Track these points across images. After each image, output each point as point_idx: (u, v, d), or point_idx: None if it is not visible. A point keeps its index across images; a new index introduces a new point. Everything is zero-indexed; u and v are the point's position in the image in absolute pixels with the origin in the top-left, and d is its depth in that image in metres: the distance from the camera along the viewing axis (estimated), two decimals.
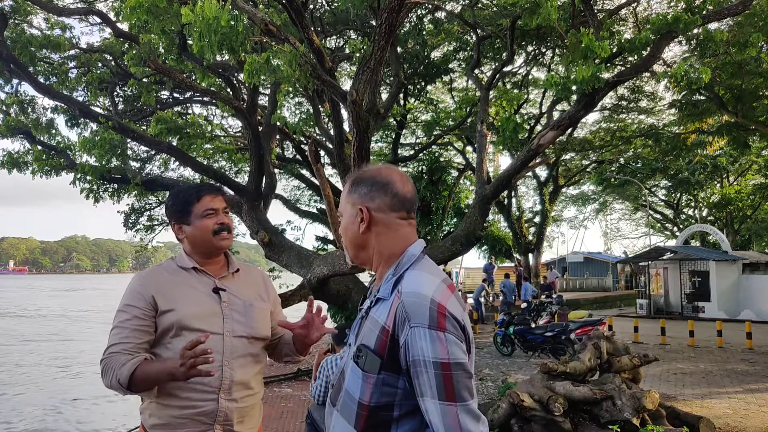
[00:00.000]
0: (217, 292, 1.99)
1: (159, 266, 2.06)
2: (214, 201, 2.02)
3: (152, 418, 1.89)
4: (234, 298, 2.00)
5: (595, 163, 27.42)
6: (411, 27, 14.66)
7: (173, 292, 1.93)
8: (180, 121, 13.46)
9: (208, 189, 2.06)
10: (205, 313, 1.93)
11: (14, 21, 11.17)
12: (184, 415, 1.85)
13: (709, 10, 9.01)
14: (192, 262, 2.02)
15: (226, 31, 6.54)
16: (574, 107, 9.56)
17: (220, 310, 1.96)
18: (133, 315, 1.88)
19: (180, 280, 1.97)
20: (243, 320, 1.98)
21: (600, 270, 35.98)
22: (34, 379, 13.10)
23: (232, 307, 1.98)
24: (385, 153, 21.62)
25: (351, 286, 11.26)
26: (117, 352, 1.84)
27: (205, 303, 1.95)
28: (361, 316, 1.41)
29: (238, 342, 1.95)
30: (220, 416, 1.87)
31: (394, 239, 1.42)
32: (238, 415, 1.92)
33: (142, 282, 1.95)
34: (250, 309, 2.01)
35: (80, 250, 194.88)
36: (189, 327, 1.88)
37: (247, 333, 1.98)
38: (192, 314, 1.90)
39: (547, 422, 4.92)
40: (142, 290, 1.92)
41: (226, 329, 1.94)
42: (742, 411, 6.80)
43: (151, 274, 2.00)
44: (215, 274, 2.03)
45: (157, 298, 1.90)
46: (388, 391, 1.28)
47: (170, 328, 1.89)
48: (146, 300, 1.90)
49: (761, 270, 19.27)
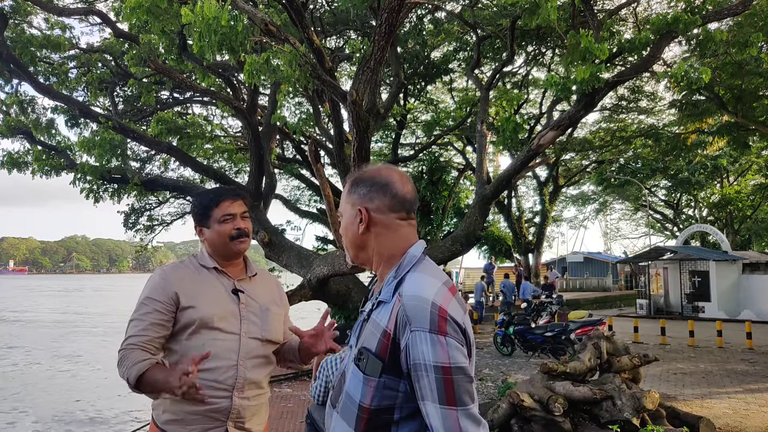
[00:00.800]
0: (236, 293, 2.03)
1: (181, 263, 2.10)
2: (232, 206, 2.06)
3: (165, 414, 1.93)
4: (251, 300, 2.05)
5: (595, 163, 27.43)
6: (411, 27, 14.66)
7: (195, 289, 1.97)
8: (180, 121, 13.48)
9: (227, 194, 2.10)
10: (225, 312, 1.97)
11: (14, 21, 11.17)
12: (198, 411, 1.88)
13: (709, 10, 9.01)
14: (213, 262, 2.06)
15: (226, 31, 6.54)
16: (574, 107, 9.56)
17: (239, 311, 2.00)
18: (153, 308, 1.92)
19: (202, 279, 2.02)
20: (259, 323, 2.03)
21: (600, 270, 35.99)
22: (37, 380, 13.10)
23: (250, 309, 2.03)
24: (385, 153, 21.62)
25: (351, 286, 11.25)
26: (134, 345, 1.87)
27: (225, 303, 1.99)
28: (363, 319, 1.41)
29: (253, 343, 1.99)
30: (233, 413, 1.92)
31: (394, 240, 1.41)
32: (249, 413, 1.96)
33: (166, 276, 1.98)
34: (267, 313, 2.06)
35: (80, 250, 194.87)
36: (209, 325, 1.93)
37: (262, 335, 2.02)
38: (213, 313, 1.95)
39: (547, 422, 4.92)
40: (165, 285, 1.95)
41: (243, 330, 1.98)
42: (742, 411, 6.80)
43: (175, 269, 2.04)
44: (234, 276, 2.08)
45: (180, 293, 1.94)
46: (389, 394, 1.28)
47: (190, 324, 1.92)
48: (168, 295, 1.93)
49: (761, 270, 19.27)
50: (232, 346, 1.94)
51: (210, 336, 1.92)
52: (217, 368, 1.90)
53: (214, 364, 1.89)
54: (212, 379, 1.88)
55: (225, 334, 1.95)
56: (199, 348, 1.90)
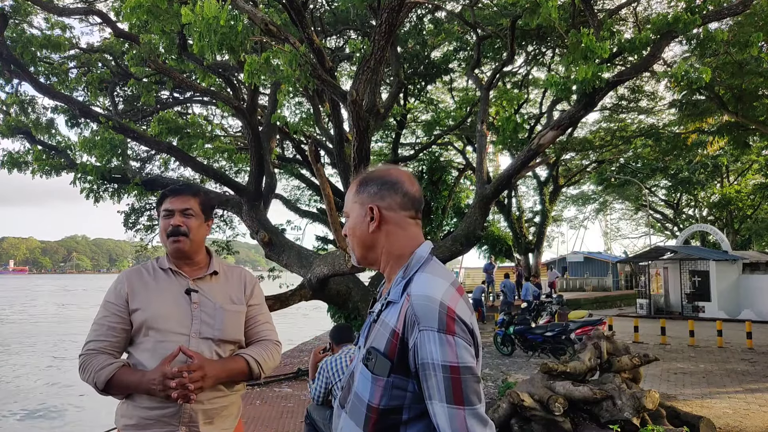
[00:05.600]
0: (189, 293, 1.98)
1: (142, 265, 2.07)
2: (173, 202, 2.00)
3: (124, 419, 1.92)
4: (206, 300, 1.99)
5: (595, 163, 27.43)
6: (411, 27, 14.66)
7: (146, 291, 1.95)
8: (180, 121, 13.46)
9: (171, 189, 2.04)
10: (173, 313, 1.93)
11: (14, 21, 11.16)
12: (152, 416, 1.87)
13: (709, 10, 9.00)
14: (169, 263, 2.03)
15: (226, 31, 6.54)
16: (574, 107, 9.55)
17: (190, 311, 1.95)
18: (110, 312, 1.93)
19: (156, 280, 1.99)
20: (211, 322, 1.96)
21: (600, 270, 35.98)
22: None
23: (202, 309, 1.97)
24: (385, 153, 21.62)
25: (351, 286, 11.25)
26: (94, 350, 1.88)
27: (174, 304, 1.95)
28: (371, 319, 1.40)
29: (204, 344, 1.93)
30: (185, 418, 1.87)
31: (404, 239, 1.41)
32: (204, 417, 1.91)
33: (122, 280, 1.99)
34: (221, 312, 1.99)
35: (80, 250, 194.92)
36: (155, 327, 1.89)
37: (215, 335, 1.95)
38: (159, 314, 1.91)
39: (547, 422, 4.92)
40: (120, 288, 1.96)
41: (193, 330, 1.93)
42: (742, 411, 6.80)
43: (131, 272, 2.02)
44: (191, 275, 2.02)
45: (130, 296, 1.94)
46: (398, 394, 1.28)
47: (140, 327, 1.91)
48: (122, 297, 1.94)
49: (761, 270, 19.27)
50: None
51: (158, 338, 1.88)
52: None
53: None
54: None
55: (174, 335, 1.90)
56: (148, 351, 1.88)
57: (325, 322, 15.25)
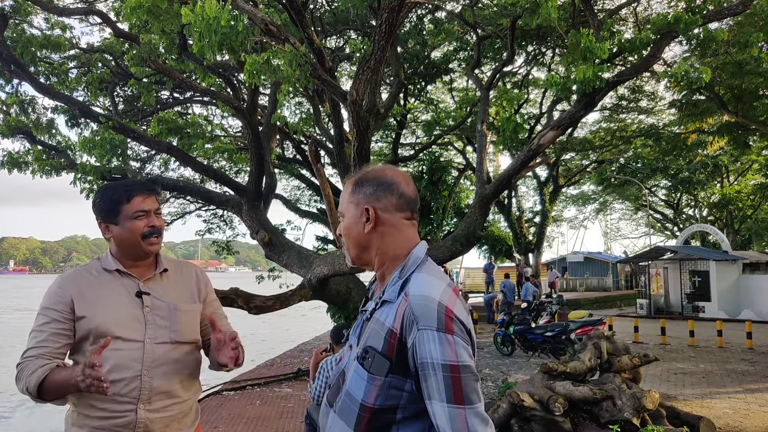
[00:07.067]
0: (140, 296, 1.88)
1: (83, 267, 1.95)
2: (146, 202, 1.90)
3: (74, 428, 1.82)
4: (158, 301, 1.90)
5: (595, 163, 27.45)
6: (411, 27, 14.67)
7: (93, 296, 1.84)
8: (180, 121, 13.46)
9: (139, 188, 1.93)
10: (125, 319, 1.83)
11: (14, 21, 11.16)
12: (104, 426, 1.78)
13: (709, 10, 9.00)
14: (116, 264, 1.91)
15: (226, 31, 6.54)
16: (574, 107, 9.55)
17: (143, 315, 1.86)
18: (51, 318, 1.80)
19: (101, 284, 1.87)
20: (167, 325, 1.88)
21: (600, 270, 35.98)
22: None
23: (156, 312, 1.88)
24: (385, 153, 21.63)
25: (351, 286, 11.25)
26: (33, 357, 1.76)
27: (125, 308, 1.85)
28: (364, 318, 1.40)
29: (160, 349, 1.85)
30: (139, 427, 1.79)
31: (399, 240, 1.41)
32: (160, 425, 1.84)
33: (62, 284, 1.86)
34: (175, 312, 1.91)
35: (80, 250, 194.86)
36: (107, 334, 1.76)
37: (171, 338, 1.88)
38: (111, 321, 1.81)
39: (547, 422, 4.92)
40: (62, 293, 1.83)
41: (148, 336, 1.84)
42: (742, 411, 6.80)
43: (73, 276, 1.90)
44: (141, 276, 1.92)
45: (75, 301, 1.82)
46: (394, 394, 1.28)
47: (88, 335, 1.80)
48: (65, 303, 1.81)
49: (761, 270, 19.27)
50: (135, 355, 1.80)
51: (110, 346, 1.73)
52: (119, 380, 1.77)
53: (116, 375, 1.76)
54: (115, 392, 1.75)
55: (126, 342, 1.80)
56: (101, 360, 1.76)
57: (325, 322, 15.25)
